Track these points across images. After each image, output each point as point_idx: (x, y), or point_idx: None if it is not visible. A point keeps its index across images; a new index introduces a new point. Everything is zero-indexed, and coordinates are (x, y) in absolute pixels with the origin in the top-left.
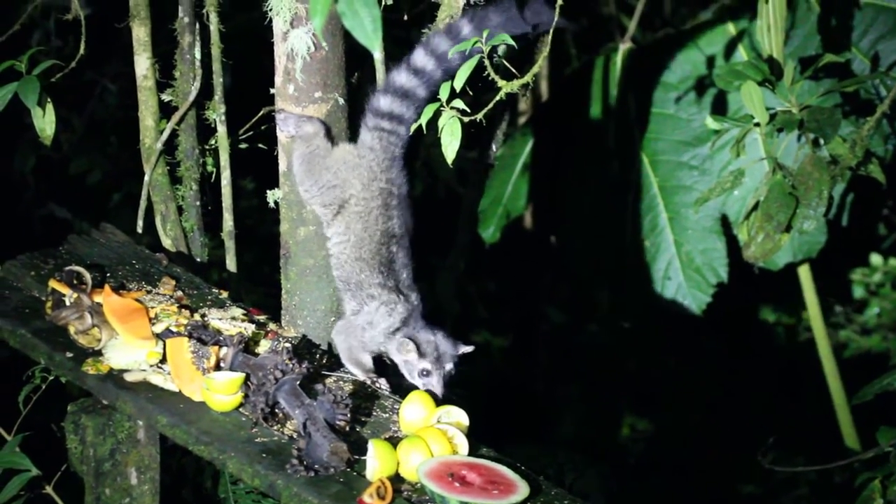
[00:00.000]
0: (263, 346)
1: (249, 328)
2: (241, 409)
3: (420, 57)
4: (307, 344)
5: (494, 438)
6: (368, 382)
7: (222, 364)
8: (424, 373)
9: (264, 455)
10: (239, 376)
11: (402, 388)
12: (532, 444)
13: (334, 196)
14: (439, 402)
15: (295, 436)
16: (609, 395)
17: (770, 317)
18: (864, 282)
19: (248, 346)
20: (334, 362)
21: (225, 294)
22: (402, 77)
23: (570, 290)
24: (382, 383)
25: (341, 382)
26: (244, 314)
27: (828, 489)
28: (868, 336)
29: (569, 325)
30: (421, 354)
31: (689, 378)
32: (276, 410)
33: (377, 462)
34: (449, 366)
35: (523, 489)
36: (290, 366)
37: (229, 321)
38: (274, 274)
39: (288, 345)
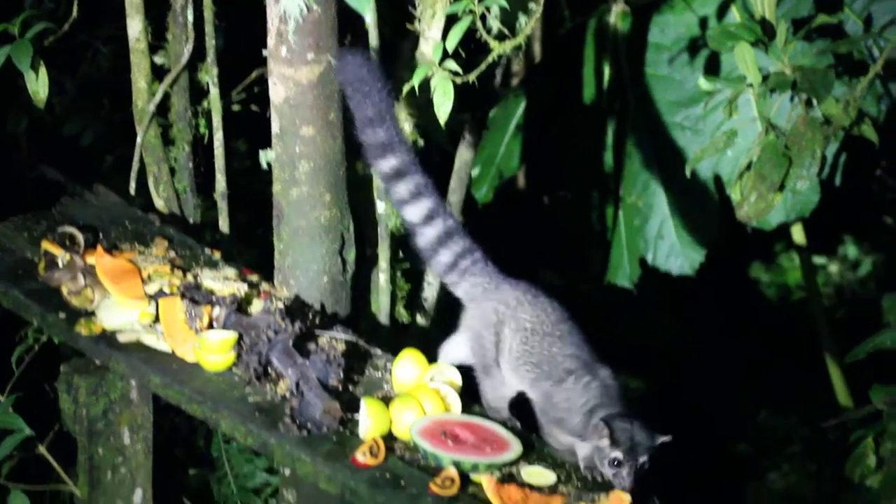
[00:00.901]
0: (256, 307)
1: (242, 288)
2: (233, 369)
3: None
4: (300, 304)
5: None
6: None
7: (215, 324)
8: (615, 462)
9: (257, 414)
10: (231, 336)
11: None
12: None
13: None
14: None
15: (288, 395)
16: (601, 354)
17: (763, 276)
18: (856, 241)
19: (241, 306)
20: (327, 322)
21: (218, 254)
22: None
23: (562, 251)
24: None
25: (334, 342)
26: (237, 274)
27: (821, 447)
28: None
29: (562, 285)
30: (613, 442)
31: (681, 337)
32: (269, 370)
33: (370, 421)
34: (643, 458)
35: (516, 447)
36: (283, 325)
37: (222, 281)
38: (267, 235)
39: (281, 305)
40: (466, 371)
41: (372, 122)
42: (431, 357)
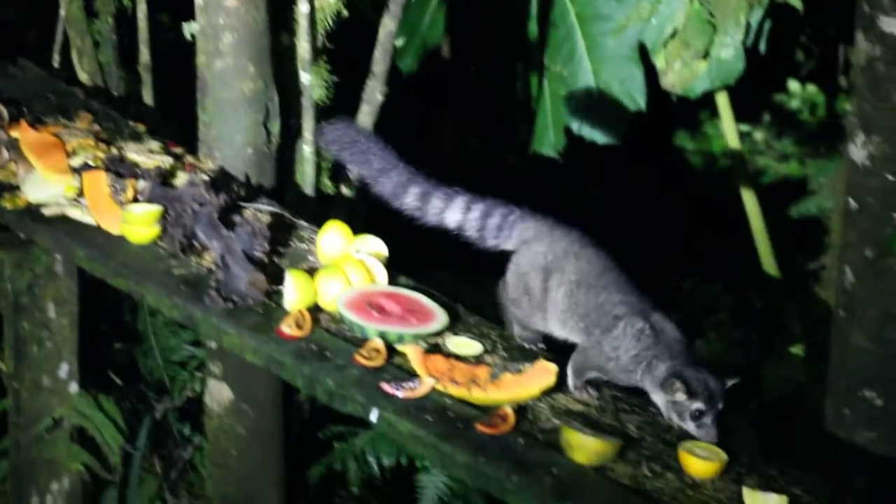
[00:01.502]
0: (181, 179)
1: (167, 161)
2: (158, 242)
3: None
4: (225, 176)
5: (413, 268)
6: (572, 390)
7: (140, 197)
8: (697, 414)
9: (182, 287)
10: (156, 209)
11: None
12: (450, 273)
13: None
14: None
15: (213, 267)
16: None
17: (688, 144)
18: (781, 108)
19: (166, 178)
20: (252, 193)
21: (142, 127)
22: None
23: (488, 120)
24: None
25: (259, 214)
26: (161, 147)
27: (747, 314)
28: (786, 162)
29: (488, 154)
30: (691, 394)
31: (607, 206)
32: (194, 242)
33: (295, 293)
34: (721, 405)
35: (442, 317)
36: (208, 198)
37: (147, 154)
38: (191, 107)
39: (205, 177)
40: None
41: (383, 171)
42: (357, 228)
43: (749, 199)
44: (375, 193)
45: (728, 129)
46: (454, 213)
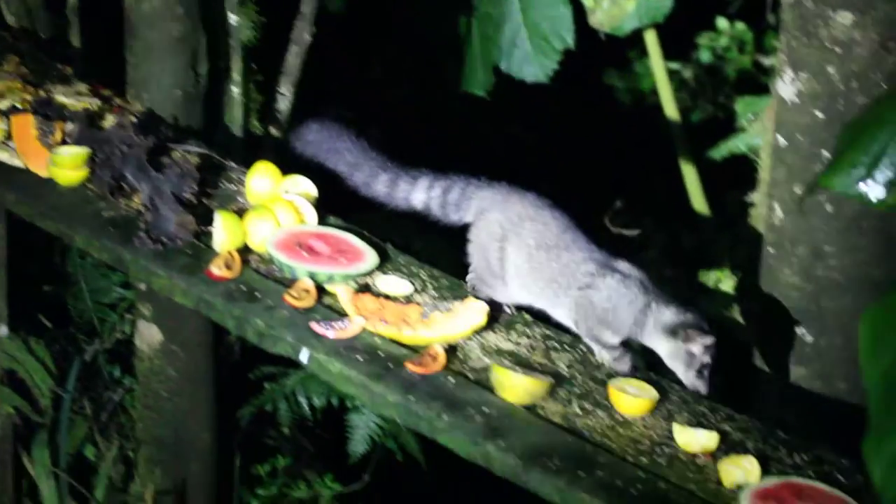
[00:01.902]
0: (109, 121)
1: (95, 103)
2: (87, 184)
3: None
4: (153, 117)
5: (342, 208)
6: (610, 362)
7: (68, 139)
8: (703, 365)
9: (111, 229)
10: (85, 151)
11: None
12: (380, 213)
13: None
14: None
15: (142, 209)
16: (458, 162)
17: (617, 82)
18: (710, 46)
19: (94, 120)
20: (180, 135)
21: (70, 70)
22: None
23: (417, 61)
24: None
25: (188, 155)
26: (89, 89)
27: (677, 252)
28: (715, 100)
29: (416, 95)
30: (706, 347)
31: (535, 145)
32: (123, 184)
33: (224, 234)
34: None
35: (372, 257)
36: (136, 140)
37: (75, 97)
38: (119, 49)
39: (134, 119)
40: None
41: (356, 165)
42: (285, 169)
43: (678, 135)
44: (350, 186)
45: (657, 68)
46: (419, 193)
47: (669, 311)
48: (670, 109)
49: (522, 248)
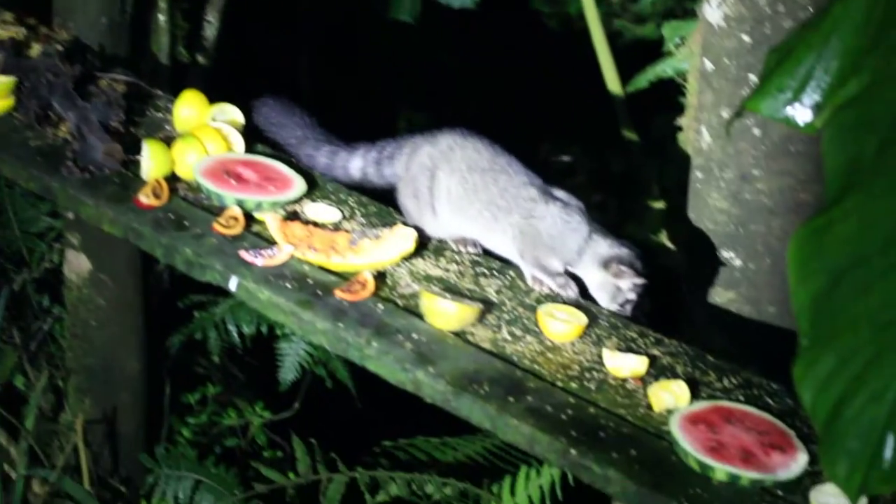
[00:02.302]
0: (35, 50)
1: (21, 32)
2: (13, 113)
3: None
4: (79, 46)
5: (271, 140)
6: (557, 289)
7: None
8: (627, 301)
9: (38, 158)
10: (10, 80)
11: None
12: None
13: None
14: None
15: (69, 138)
16: (385, 92)
17: (544, 7)
18: None
19: (20, 49)
20: (107, 64)
21: None
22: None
23: None
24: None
25: (114, 84)
26: (15, 18)
27: (605, 177)
28: (642, 24)
29: (342, 25)
30: (639, 275)
31: (464, 73)
32: (50, 113)
33: (152, 162)
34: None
35: (300, 185)
36: (63, 68)
37: (0, 26)
38: None
39: (60, 47)
40: None
41: (304, 138)
42: (213, 97)
43: (605, 61)
44: (297, 157)
45: None
46: (357, 160)
47: (605, 244)
48: (598, 34)
49: (455, 173)
